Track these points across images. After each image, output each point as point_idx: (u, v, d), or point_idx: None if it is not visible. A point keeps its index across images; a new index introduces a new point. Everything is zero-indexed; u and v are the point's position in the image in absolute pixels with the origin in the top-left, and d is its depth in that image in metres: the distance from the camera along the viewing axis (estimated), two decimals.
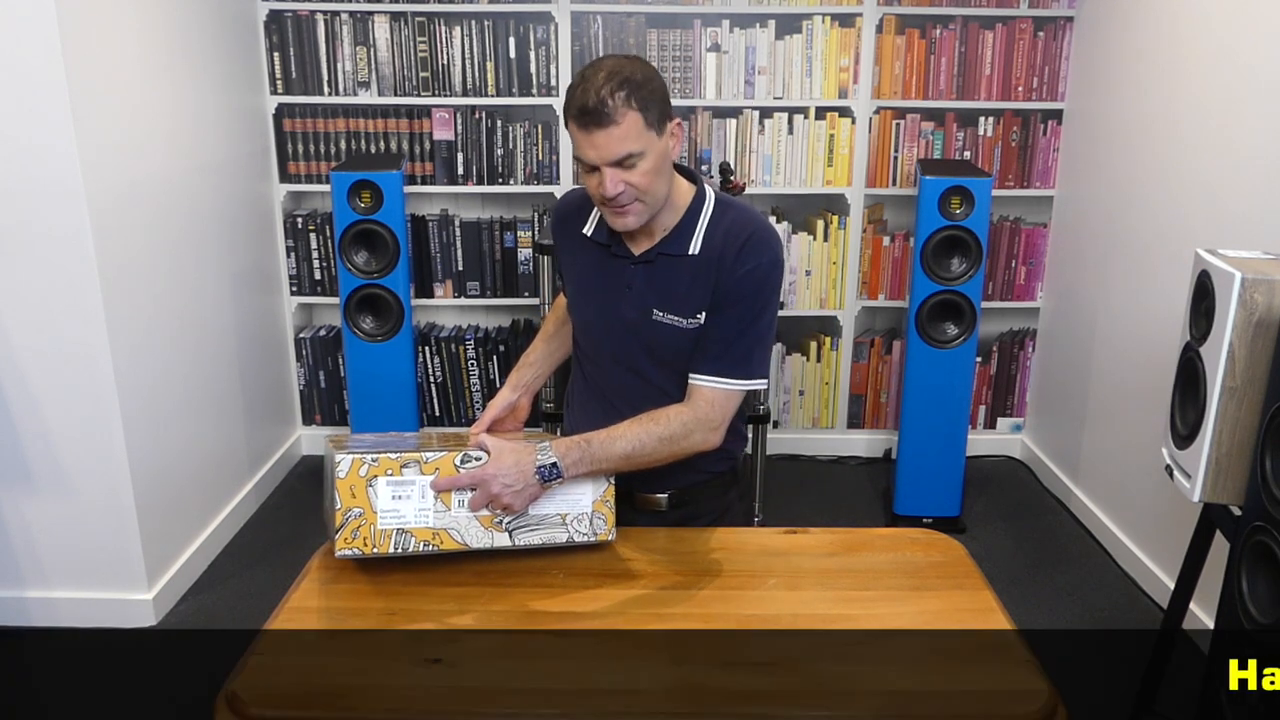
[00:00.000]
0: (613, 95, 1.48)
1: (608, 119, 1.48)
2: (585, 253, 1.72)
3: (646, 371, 1.68)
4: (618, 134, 1.48)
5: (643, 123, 1.50)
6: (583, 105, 1.48)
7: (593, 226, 1.70)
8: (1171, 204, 2.98)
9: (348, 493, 1.40)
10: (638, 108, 1.49)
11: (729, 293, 1.60)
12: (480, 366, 3.89)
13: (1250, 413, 1.94)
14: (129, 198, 2.76)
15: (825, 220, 3.78)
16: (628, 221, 1.57)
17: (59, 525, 2.78)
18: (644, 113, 1.50)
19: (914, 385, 3.43)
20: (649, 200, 1.56)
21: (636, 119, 1.49)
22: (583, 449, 1.54)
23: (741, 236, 1.60)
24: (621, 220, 1.57)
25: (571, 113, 1.50)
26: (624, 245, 1.67)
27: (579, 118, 1.49)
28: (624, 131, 1.49)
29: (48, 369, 2.65)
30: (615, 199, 1.53)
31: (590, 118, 1.48)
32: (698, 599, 1.48)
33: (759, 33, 3.63)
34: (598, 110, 1.47)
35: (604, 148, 1.49)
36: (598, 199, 1.57)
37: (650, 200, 1.56)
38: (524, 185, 3.75)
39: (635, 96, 1.49)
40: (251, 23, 3.58)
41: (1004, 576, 3.15)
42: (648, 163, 1.52)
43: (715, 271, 1.60)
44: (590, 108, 1.48)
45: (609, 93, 1.47)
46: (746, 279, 1.60)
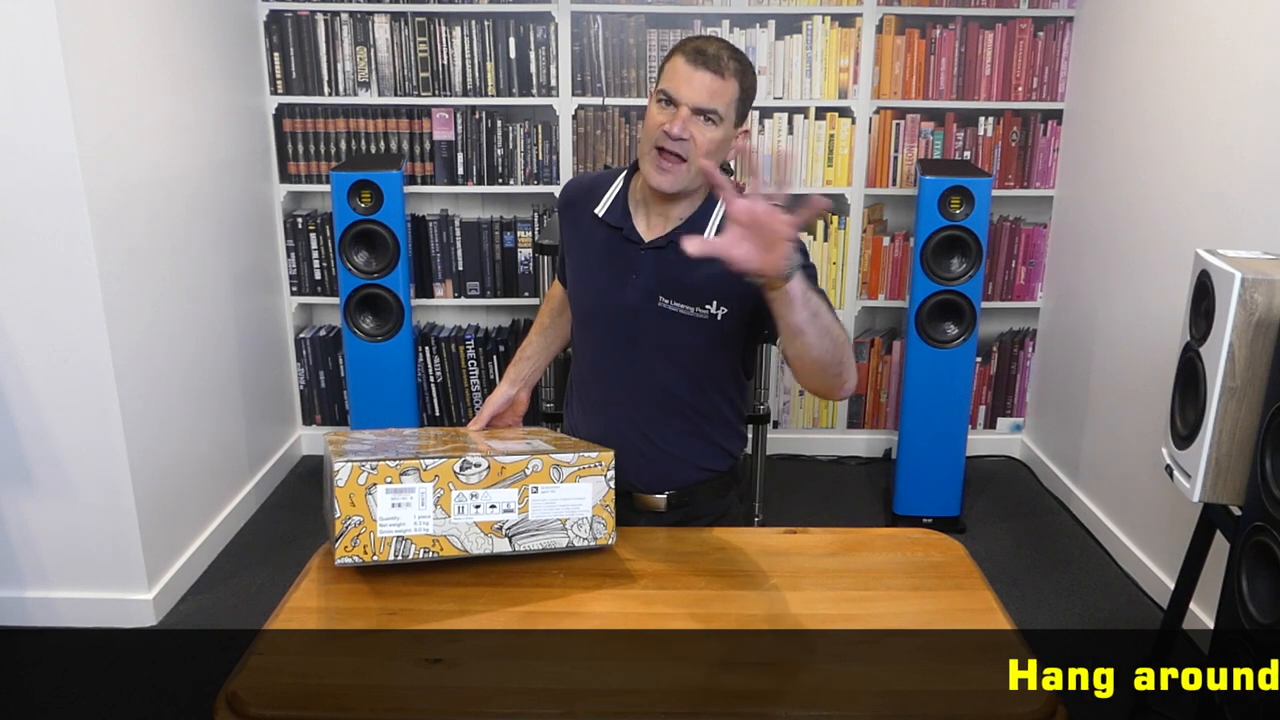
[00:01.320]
0: (731, 59, 1.56)
1: (719, 68, 1.54)
2: (594, 235, 1.70)
3: (649, 363, 1.67)
4: (719, 86, 1.55)
5: (737, 95, 1.57)
6: (701, 48, 1.55)
7: (605, 207, 1.70)
8: (1171, 204, 2.98)
9: (347, 501, 1.40)
10: (740, 84, 1.57)
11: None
12: (480, 366, 3.89)
13: (1250, 413, 1.94)
14: (129, 197, 2.76)
15: (825, 220, 3.78)
16: (666, 181, 1.59)
17: (59, 525, 2.78)
18: (741, 91, 1.58)
19: (914, 385, 3.43)
20: (694, 171, 1.58)
21: (735, 89, 1.56)
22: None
23: None
24: (662, 177, 1.59)
25: (685, 49, 1.56)
26: (635, 229, 1.66)
27: (693, 55, 1.55)
28: (724, 88, 1.55)
29: (48, 369, 2.65)
30: (676, 142, 1.55)
31: (704, 59, 1.54)
32: (698, 599, 1.47)
33: (759, 33, 3.63)
34: (715, 58, 1.54)
35: (700, 90, 1.54)
36: (654, 139, 1.57)
37: (694, 173, 1.59)
38: (524, 185, 3.75)
39: (743, 75, 1.58)
40: (251, 23, 3.58)
41: (1004, 576, 3.15)
42: (718, 132, 1.56)
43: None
44: (709, 53, 1.55)
45: (729, 54, 1.56)
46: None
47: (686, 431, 1.71)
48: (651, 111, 1.59)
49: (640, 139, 1.63)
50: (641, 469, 1.69)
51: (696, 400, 1.69)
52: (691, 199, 1.65)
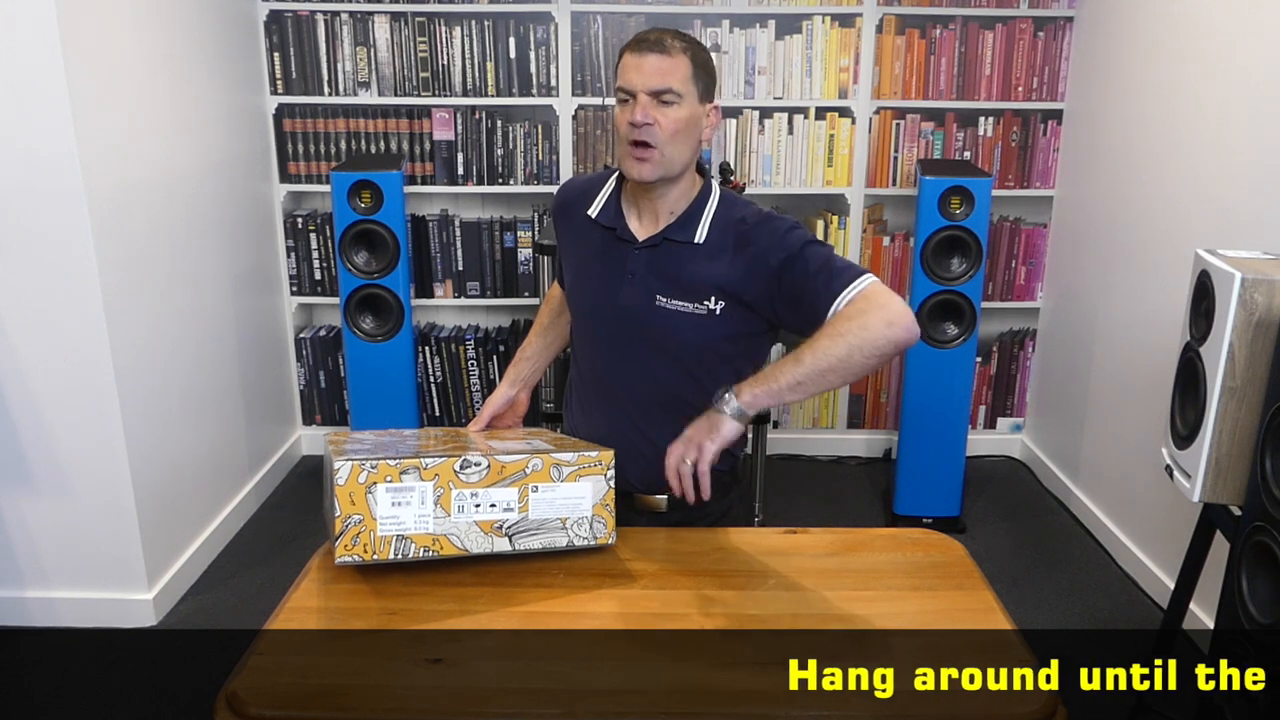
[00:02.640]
0: (676, 38, 1.57)
1: (662, 49, 1.55)
2: (588, 236, 1.71)
3: (649, 364, 1.67)
4: (667, 65, 1.55)
5: (690, 72, 1.57)
6: (642, 36, 1.58)
7: (598, 209, 1.70)
8: (1171, 204, 2.98)
9: (347, 500, 1.40)
10: (690, 60, 1.57)
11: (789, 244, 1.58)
12: (480, 366, 3.89)
13: (1250, 413, 1.94)
14: (129, 198, 2.76)
15: (825, 220, 3.78)
16: (644, 170, 1.59)
17: (59, 525, 2.78)
18: (694, 66, 1.58)
19: (914, 385, 3.44)
20: (668, 154, 1.58)
21: (686, 64, 1.57)
22: (750, 383, 1.51)
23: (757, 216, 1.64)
24: (638, 167, 1.59)
25: (629, 44, 1.58)
26: (628, 229, 1.67)
27: (635, 44, 1.57)
28: (673, 65, 1.56)
29: (48, 369, 2.65)
30: (641, 131, 1.55)
31: (645, 44, 1.56)
32: (698, 599, 1.47)
33: (759, 33, 3.63)
34: (658, 41, 1.56)
35: (649, 74, 1.55)
36: (624, 136, 1.58)
37: (668, 156, 1.58)
38: (524, 185, 3.75)
39: (692, 51, 1.58)
40: (251, 23, 3.58)
41: (1004, 576, 3.15)
42: (681, 111, 1.57)
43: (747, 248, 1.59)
44: (650, 38, 1.57)
45: (672, 35, 1.58)
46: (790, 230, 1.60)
47: None
48: (617, 114, 1.61)
49: (616, 144, 1.64)
50: (642, 469, 1.69)
51: (697, 399, 1.69)
52: (682, 193, 1.65)
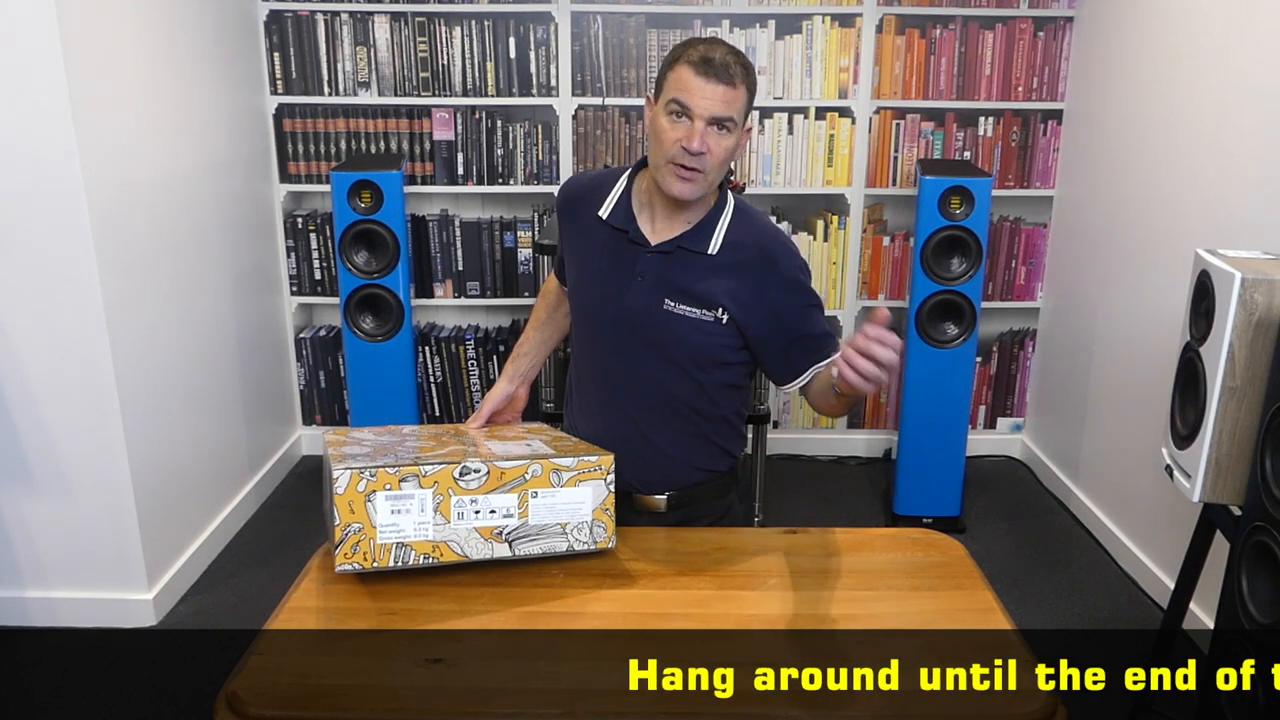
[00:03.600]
0: (737, 64, 1.55)
1: (730, 78, 1.54)
2: (596, 236, 1.70)
3: (650, 367, 1.67)
4: (732, 96, 1.55)
5: (746, 102, 1.58)
6: (709, 56, 1.54)
7: (610, 209, 1.69)
8: (1171, 204, 2.98)
9: (346, 508, 1.40)
10: (748, 89, 1.58)
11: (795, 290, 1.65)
12: (480, 366, 3.89)
13: (1250, 413, 1.94)
14: (129, 198, 2.76)
15: (825, 220, 3.78)
16: (686, 190, 1.58)
17: (59, 525, 2.78)
18: (749, 95, 1.59)
19: (914, 385, 3.44)
20: (712, 178, 1.59)
21: (745, 96, 1.58)
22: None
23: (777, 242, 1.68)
24: (681, 186, 1.58)
25: (692, 59, 1.54)
26: (640, 232, 1.66)
27: (701, 65, 1.53)
28: (737, 96, 1.55)
29: (48, 369, 2.65)
30: (695, 157, 1.55)
31: (714, 70, 1.53)
32: (698, 599, 1.48)
33: (759, 33, 3.63)
34: (724, 66, 1.53)
35: (715, 101, 1.54)
36: (670, 154, 1.56)
37: (711, 180, 1.60)
38: (524, 185, 3.75)
39: (749, 79, 1.58)
40: (251, 23, 3.58)
41: (1004, 576, 3.15)
42: (731, 139, 1.57)
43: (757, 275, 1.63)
44: (717, 61, 1.53)
45: (735, 59, 1.55)
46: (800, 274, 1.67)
47: (687, 432, 1.71)
48: (663, 124, 1.56)
49: (651, 147, 1.61)
50: (641, 469, 1.69)
51: (697, 401, 1.69)
52: (703, 203, 1.65)
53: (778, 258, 1.64)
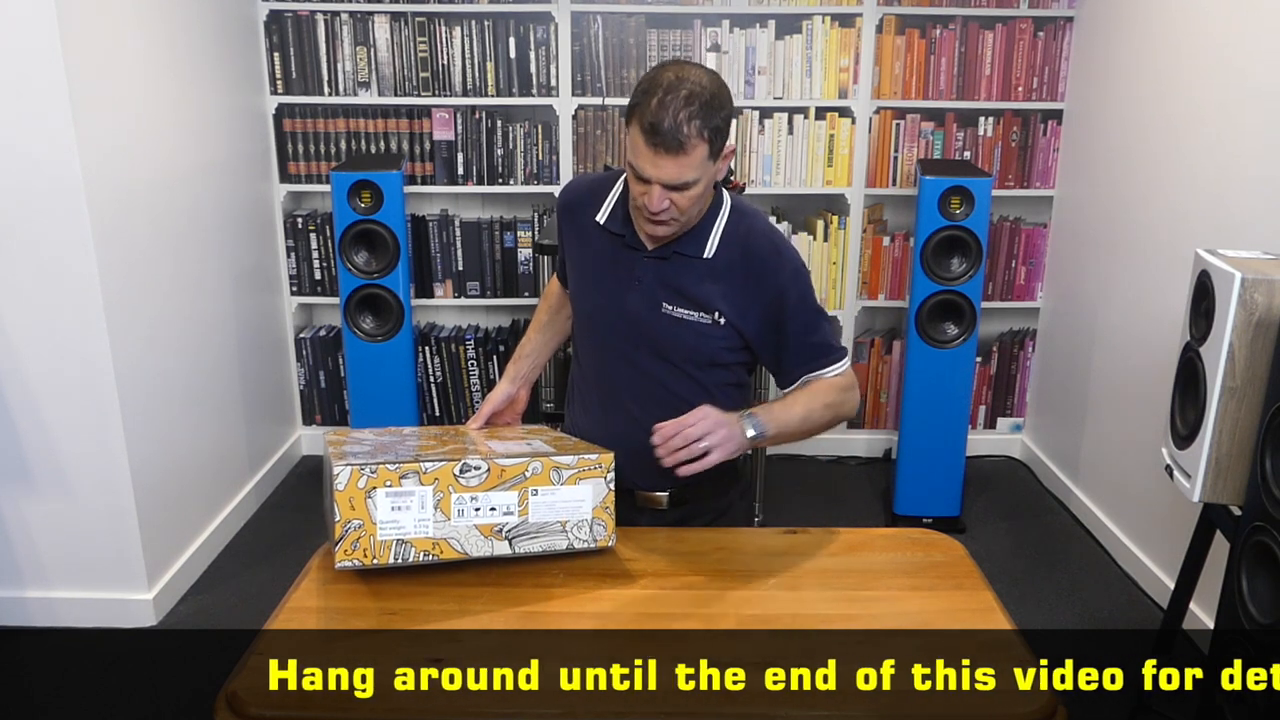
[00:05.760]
0: (689, 122, 1.46)
1: (678, 147, 1.47)
2: (595, 241, 1.71)
3: (651, 368, 1.68)
4: (684, 163, 1.49)
5: (707, 154, 1.51)
6: (656, 123, 1.46)
7: (606, 214, 1.70)
8: (1171, 204, 2.98)
9: (347, 505, 1.40)
10: (707, 139, 1.50)
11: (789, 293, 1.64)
12: (480, 366, 3.89)
13: (1250, 413, 1.94)
14: (129, 198, 2.76)
15: (825, 220, 3.78)
16: (658, 233, 1.60)
17: (59, 525, 2.78)
18: (710, 144, 1.50)
19: (914, 385, 3.43)
20: (685, 220, 1.59)
21: (703, 150, 1.50)
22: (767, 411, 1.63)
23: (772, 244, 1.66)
24: (653, 230, 1.60)
25: (642, 124, 1.48)
26: (637, 237, 1.67)
27: (649, 134, 1.47)
28: (690, 161, 1.49)
29: (48, 369, 2.65)
30: (656, 215, 1.54)
31: (661, 140, 1.47)
32: (698, 599, 1.48)
33: (759, 33, 3.63)
34: (671, 135, 1.46)
35: (665, 171, 1.50)
36: (637, 206, 1.58)
37: (686, 220, 1.59)
38: (524, 185, 3.75)
39: (708, 128, 1.49)
40: (251, 23, 3.58)
41: (1004, 576, 3.15)
42: (698, 189, 1.54)
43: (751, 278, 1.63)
44: (664, 130, 1.46)
45: (686, 119, 1.46)
46: (795, 277, 1.65)
47: None
48: (629, 179, 1.57)
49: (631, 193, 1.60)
50: (642, 467, 1.69)
51: (698, 400, 1.69)
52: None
53: (772, 261, 1.64)
